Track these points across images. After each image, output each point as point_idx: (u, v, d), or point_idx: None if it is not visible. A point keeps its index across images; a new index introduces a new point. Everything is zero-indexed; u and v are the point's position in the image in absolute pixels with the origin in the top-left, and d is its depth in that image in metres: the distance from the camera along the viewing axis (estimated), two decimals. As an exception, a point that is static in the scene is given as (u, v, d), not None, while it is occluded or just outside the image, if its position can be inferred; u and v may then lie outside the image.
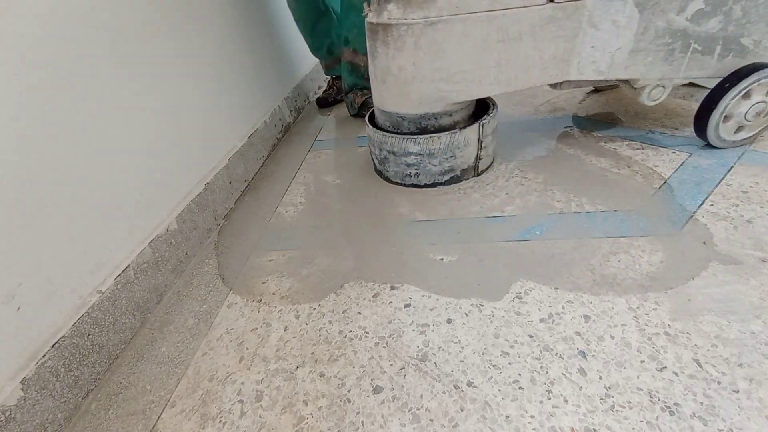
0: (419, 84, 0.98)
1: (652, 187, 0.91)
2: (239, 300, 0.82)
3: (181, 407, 0.63)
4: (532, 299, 0.69)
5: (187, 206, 0.96)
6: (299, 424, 0.58)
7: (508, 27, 0.92)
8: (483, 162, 1.10)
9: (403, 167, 1.08)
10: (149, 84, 0.88)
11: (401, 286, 0.77)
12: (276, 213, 1.09)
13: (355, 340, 0.69)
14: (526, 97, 1.50)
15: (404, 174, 1.09)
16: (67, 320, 0.66)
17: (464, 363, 0.61)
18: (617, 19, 0.92)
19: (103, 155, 0.75)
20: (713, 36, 0.93)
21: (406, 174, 1.09)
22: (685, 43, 0.94)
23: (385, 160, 1.11)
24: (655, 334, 0.60)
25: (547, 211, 0.89)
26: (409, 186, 1.11)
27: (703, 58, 0.95)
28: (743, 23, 0.91)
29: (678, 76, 0.98)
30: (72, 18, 0.70)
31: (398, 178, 1.11)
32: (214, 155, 1.10)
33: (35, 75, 0.63)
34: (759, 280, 0.65)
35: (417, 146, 1.03)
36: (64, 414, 0.63)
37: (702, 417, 0.50)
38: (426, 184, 1.09)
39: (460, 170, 1.07)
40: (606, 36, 0.94)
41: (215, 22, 1.15)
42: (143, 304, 0.81)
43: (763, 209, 0.79)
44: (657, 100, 1.02)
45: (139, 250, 0.81)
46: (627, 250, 0.75)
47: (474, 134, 1.03)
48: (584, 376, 0.57)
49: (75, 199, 0.69)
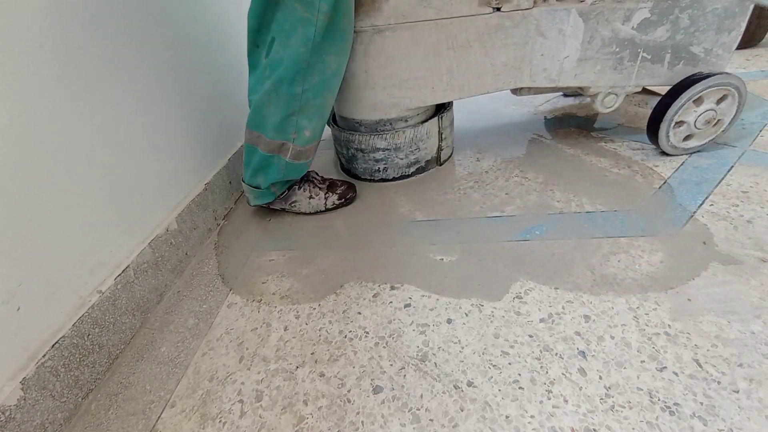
0: (372, 90, 1.01)
1: (652, 187, 0.91)
2: (239, 300, 0.82)
3: (181, 407, 0.63)
4: (532, 299, 0.69)
5: (187, 206, 0.96)
6: (299, 424, 0.58)
7: (456, 34, 0.94)
8: (444, 152, 1.16)
9: (372, 163, 1.11)
10: (150, 82, 0.87)
11: (401, 286, 0.77)
12: (276, 213, 1.09)
13: (355, 340, 0.69)
14: (525, 97, 1.50)
15: (373, 170, 1.12)
16: (67, 320, 0.66)
17: (464, 363, 0.61)
18: (563, 28, 0.93)
19: (103, 155, 0.75)
20: (662, 44, 0.93)
21: (375, 170, 1.12)
22: (634, 51, 0.95)
23: (353, 158, 1.13)
24: (655, 334, 0.60)
25: (547, 211, 0.89)
26: (378, 181, 1.14)
27: (653, 66, 0.96)
28: (692, 31, 0.91)
29: (629, 84, 1.00)
30: (72, 18, 0.70)
31: (367, 174, 1.14)
32: (214, 155, 1.10)
33: (36, 75, 0.63)
34: (759, 280, 0.65)
35: (384, 142, 1.06)
36: (64, 414, 0.63)
37: (702, 417, 0.50)
38: (394, 177, 1.13)
39: (424, 161, 1.13)
40: (554, 45, 0.95)
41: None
42: (143, 304, 0.81)
43: (763, 209, 0.79)
44: (610, 107, 1.04)
45: (139, 250, 0.81)
46: (627, 250, 0.75)
47: (435, 126, 1.09)
48: (584, 376, 0.57)
49: (75, 199, 0.69)
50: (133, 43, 0.84)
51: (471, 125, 1.37)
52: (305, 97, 0.89)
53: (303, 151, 0.96)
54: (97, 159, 0.74)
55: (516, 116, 1.37)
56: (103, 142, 0.75)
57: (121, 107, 0.80)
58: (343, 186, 1.06)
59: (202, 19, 1.08)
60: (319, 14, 0.82)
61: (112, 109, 0.78)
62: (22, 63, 0.61)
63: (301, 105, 0.90)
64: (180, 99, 0.97)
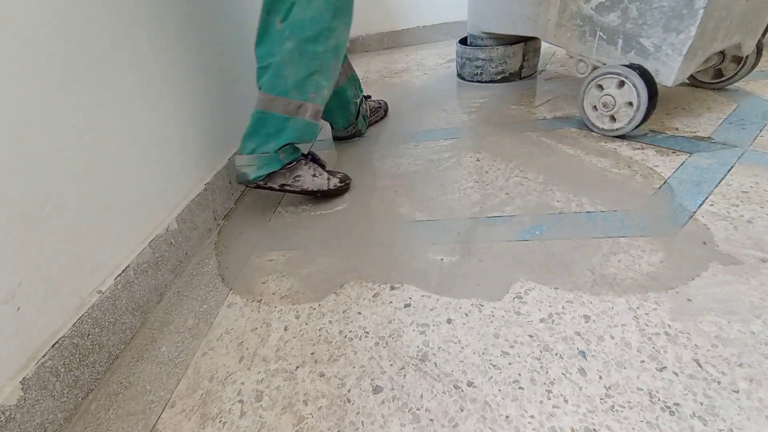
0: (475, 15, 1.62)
1: (652, 187, 0.91)
2: (239, 300, 0.82)
3: (181, 407, 0.63)
4: (532, 299, 0.69)
5: (187, 206, 0.96)
6: (299, 424, 0.58)
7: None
8: (525, 71, 1.68)
9: (473, 69, 1.71)
10: (150, 82, 0.87)
11: (401, 286, 0.77)
12: (276, 213, 1.09)
13: (355, 340, 0.69)
14: (526, 97, 1.50)
15: (473, 73, 1.72)
16: (67, 320, 0.66)
17: (464, 363, 0.61)
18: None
19: (103, 155, 0.75)
20: (614, 29, 1.05)
21: (474, 73, 1.71)
22: (592, 29, 1.10)
23: (464, 65, 1.74)
24: (655, 334, 0.60)
25: (547, 211, 0.89)
26: (476, 81, 1.73)
27: (608, 47, 1.09)
28: (640, 23, 0.99)
29: (591, 57, 1.16)
30: (71, 16, 0.70)
31: (470, 77, 1.75)
32: (214, 155, 1.10)
33: (36, 75, 0.63)
34: (759, 280, 0.65)
35: (483, 53, 1.64)
36: (64, 414, 0.63)
37: (702, 417, 0.50)
38: (485, 80, 1.70)
39: (508, 73, 1.67)
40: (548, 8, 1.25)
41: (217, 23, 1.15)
42: (143, 304, 0.81)
43: (763, 209, 0.79)
44: (582, 73, 1.21)
45: (139, 250, 0.81)
46: (627, 250, 0.75)
47: (520, 50, 1.61)
48: (584, 376, 0.57)
49: (75, 198, 0.69)
50: (133, 43, 0.84)
51: (470, 125, 1.37)
52: (326, 57, 0.95)
53: (320, 111, 1.00)
54: (97, 159, 0.74)
55: (516, 116, 1.37)
56: (103, 142, 0.75)
57: (121, 107, 0.80)
58: (340, 173, 1.12)
59: (203, 19, 1.08)
60: None
61: (113, 110, 0.78)
62: (22, 63, 0.61)
63: (322, 64, 0.95)
64: (180, 99, 0.97)
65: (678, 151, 1.01)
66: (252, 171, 0.98)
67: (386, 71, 2.20)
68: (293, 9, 0.90)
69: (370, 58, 2.57)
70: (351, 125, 1.37)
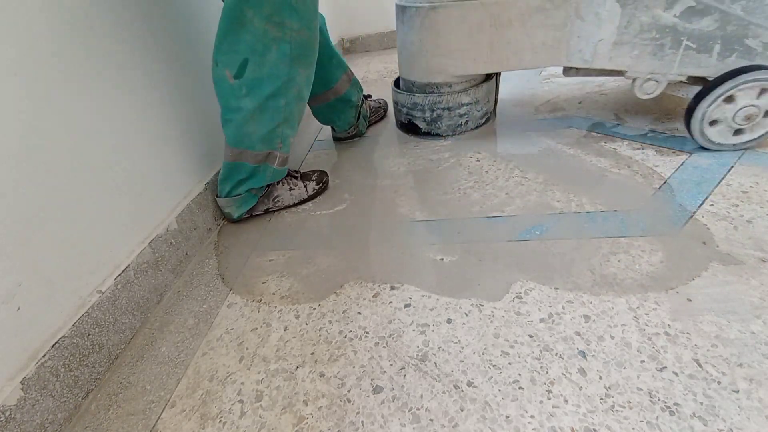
0: (423, 57, 1.20)
1: (652, 187, 0.91)
2: (239, 300, 0.82)
3: (181, 407, 0.63)
4: (532, 299, 0.69)
5: (187, 206, 0.96)
6: (299, 424, 0.58)
7: (499, 14, 1.06)
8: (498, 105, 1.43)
9: (456, 119, 1.29)
10: (150, 82, 0.87)
11: (401, 286, 0.77)
12: (276, 213, 1.09)
13: (355, 340, 0.69)
14: (526, 97, 1.50)
15: (456, 125, 1.31)
16: (67, 320, 0.66)
17: (464, 363, 0.61)
18: (599, 12, 0.97)
19: (103, 155, 0.75)
20: (708, 34, 0.91)
21: (458, 125, 1.31)
22: (676, 39, 0.94)
23: (438, 118, 1.29)
24: (655, 334, 0.60)
25: (547, 211, 0.89)
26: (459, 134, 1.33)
27: (698, 56, 0.94)
28: (745, 24, 0.88)
29: (671, 72, 0.99)
30: (72, 17, 0.70)
31: (450, 131, 1.32)
32: (214, 155, 1.10)
33: (36, 75, 0.63)
34: (759, 280, 0.65)
35: (468, 97, 1.25)
36: (64, 414, 0.63)
37: (702, 417, 0.50)
38: (471, 128, 1.33)
39: (489, 112, 1.36)
40: (590, 27, 1.00)
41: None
42: (143, 304, 0.81)
43: (763, 209, 0.79)
44: (650, 93, 1.04)
45: (139, 250, 0.81)
46: (627, 250, 0.75)
47: (493, 84, 1.33)
48: (584, 376, 0.57)
49: (75, 198, 0.69)
50: (134, 43, 0.84)
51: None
52: (288, 108, 0.94)
53: (287, 157, 1.03)
54: (97, 159, 0.74)
55: (516, 116, 1.37)
56: (103, 142, 0.75)
57: (121, 108, 0.80)
58: (315, 173, 1.13)
59: (204, 20, 1.08)
60: (291, 32, 0.86)
61: (113, 110, 0.78)
62: (22, 63, 0.61)
63: (285, 116, 0.95)
64: (180, 99, 0.97)
65: (678, 151, 1.01)
66: (234, 210, 1.04)
67: (386, 71, 2.20)
68: (247, 66, 0.86)
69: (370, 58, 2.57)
70: (352, 126, 1.38)
